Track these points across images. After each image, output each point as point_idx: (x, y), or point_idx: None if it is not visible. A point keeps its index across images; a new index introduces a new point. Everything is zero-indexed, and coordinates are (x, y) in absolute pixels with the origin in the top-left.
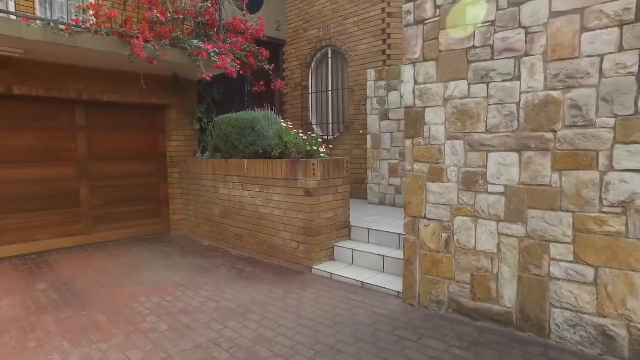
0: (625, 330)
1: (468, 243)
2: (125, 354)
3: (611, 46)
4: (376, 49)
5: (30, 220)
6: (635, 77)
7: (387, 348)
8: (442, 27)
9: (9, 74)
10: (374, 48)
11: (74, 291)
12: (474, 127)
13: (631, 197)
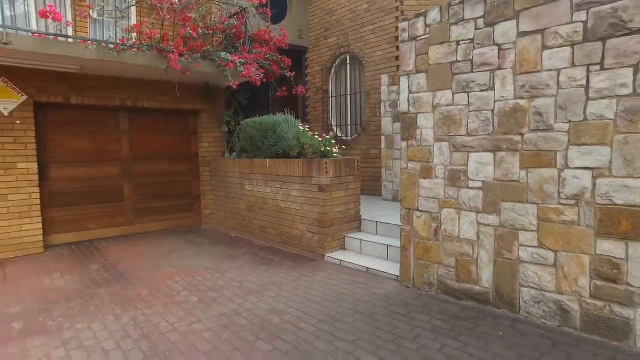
0: (578, 304)
1: (453, 232)
2: (164, 318)
3: (565, 62)
4: (390, 55)
5: (83, 213)
6: (584, 88)
7: (379, 319)
8: (431, 43)
9: (67, 87)
10: (389, 54)
11: (120, 271)
12: (457, 130)
13: (582, 191)
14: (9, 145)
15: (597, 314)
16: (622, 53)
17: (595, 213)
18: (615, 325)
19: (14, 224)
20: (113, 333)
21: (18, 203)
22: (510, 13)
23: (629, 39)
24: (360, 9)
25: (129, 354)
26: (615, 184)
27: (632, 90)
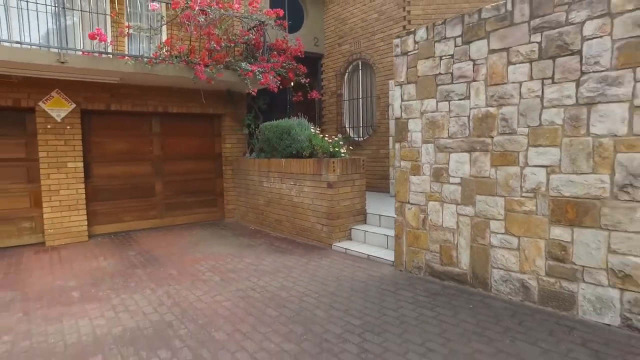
0: (536, 281)
1: (437, 221)
2: (191, 292)
3: (525, 76)
4: None
5: (120, 206)
6: (540, 99)
7: (370, 295)
8: (419, 58)
9: (108, 95)
10: None
11: (154, 256)
12: (440, 134)
13: (538, 185)
14: (61, 147)
15: (550, 289)
16: (567, 69)
17: (548, 204)
18: (563, 297)
19: (64, 216)
20: (150, 302)
21: (67, 197)
22: (482, 33)
23: (571, 58)
24: (371, 18)
25: (164, 316)
26: (563, 179)
27: (575, 100)
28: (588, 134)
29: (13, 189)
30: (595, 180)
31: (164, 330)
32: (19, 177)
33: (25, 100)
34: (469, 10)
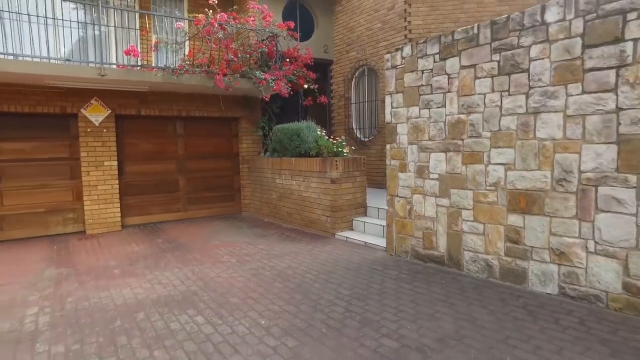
0: (497, 261)
1: (421, 211)
2: (212, 270)
3: (488, 89)
4: None
5: (148, 200)
6: (499, 108)
7: (362, 273)
8: (405, 71)
9: (138, 102)
10: None
11: (179, 243)
12: (422, 136)
13: (498, 180)
14: (99, 148)
15: (508, 267)
16: (519, 84)
17: (506, 195)
18: (517, 273)
19: (102, 208)
20: (178, 277)
21: (104, 192)
22: (455, 51)
23: (521, 75)
24: (376, 27)
25: (190, 287)
26: (516, 174)
27: (525, 110)
28: (535, 137)
29: (59, 184)
30: (540, 176)
31: (190, 297)
32: (63, 174)
33: (70, 107)
34: (465, 20)
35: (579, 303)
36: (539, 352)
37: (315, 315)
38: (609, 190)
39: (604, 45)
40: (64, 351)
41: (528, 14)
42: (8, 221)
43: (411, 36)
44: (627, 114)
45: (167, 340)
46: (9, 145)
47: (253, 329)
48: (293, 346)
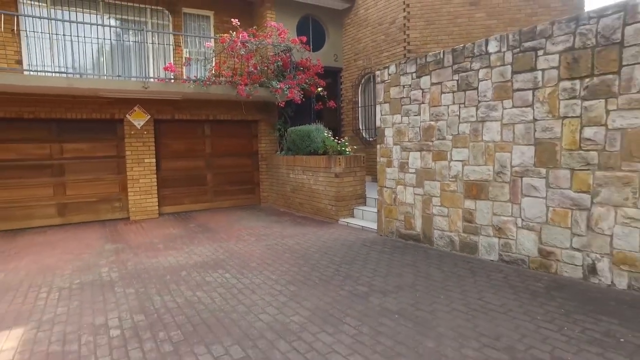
0: (457, 237)
1: (403, 199)
2: (235, 246)
3: (450, 102)
4: None
5: (180, 192)
6: (458, 117)
7: (353, 248)
8: (391, 85)
9: (172, 108)
10: None
11: (207, 227)
12: (403, 138)
13: (457, 173)
14: (140, 147)
15: (465, 241)
16: (471, 99)
17: (463, 185)
18: (471, 246)
19: (143, 198)
20: (209, 250)
21: (145, 185)
22: (427, 71)
23: (473, 91)
24: (379, 39)
25: (219, 256)
26: (470, 169)
27: (475, 119)
28: (482, 140)
29: (108, 178)
30: (486, 169)
31: (219, 262)
32: (112, 170)
33: (117, 114)
34: (457, 32)
35: (510, 266)
36: (464, 293)
37: (312, 273)
38: (529, 180)
39: (524, 72)
40: (134, 292)
41: (477, 45)
42: (69, 208)
43: (410, 47)
44: (539, 124)
45: (205, 287)
46: (71, 145)
47: (266, 280)
48: (294, 290)
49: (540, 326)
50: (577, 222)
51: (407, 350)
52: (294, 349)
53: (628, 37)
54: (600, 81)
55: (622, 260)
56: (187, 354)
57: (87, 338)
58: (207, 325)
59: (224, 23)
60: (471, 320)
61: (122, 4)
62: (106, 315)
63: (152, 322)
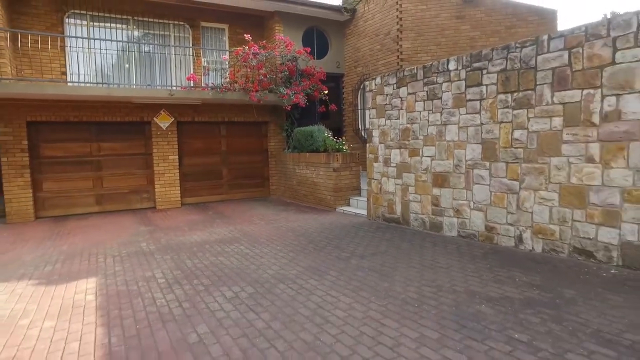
0: (428, 218)
1: (387, 188)
2: (248, 227)
3: (422, 108)
4: None
5: (199, 185)
6: (427, 121)
7: (345, 228)
8: (377, 94)
9: (192, 111)
10: None
11: (224, 214)
12: (386, 138)
13: (427, 166)
14: (165, 146)
15: (433, 221)
16: (437, 106)
17: (431, 176)
18: (437, 225)
19: (167, 190)
20: (226, 230)
21: (169, 178)
22: (405, 83)
23: (438, 100)
24: (376, 48)
25: (234, 235)
26: (436, 163)
27: (440, 122)
28: (445, 140)
29: (137, 172)
30: (448, 163)
31: (234, 239)
32: (140, 165)
33: (145, 117)
34: (445, 43)
35: (465, 239)
36: (422, 257)
37: (308, 245)
38: (477, 171)
39: (474, 87)
40: (170, 257)
41: (441, 63)
42: (106, 198)
43: (402, 57)
44: (484, 127)
45: (224, 254)
46: (107, 144)
47: (272, 250)
48: (293, 255)
49: (467, 275)
50: (510, 203)
51: (369, 288)
52: (289, 288)
53: (539, 64)
54: (523, 95)
55: (538, 231)
56: (214, 291)
57: (142, 283)
58: (228, 276)
59: (237, 35)
60: (420, 273)
61: (149, 20)
62: (152, 271)
63: (186, 274)
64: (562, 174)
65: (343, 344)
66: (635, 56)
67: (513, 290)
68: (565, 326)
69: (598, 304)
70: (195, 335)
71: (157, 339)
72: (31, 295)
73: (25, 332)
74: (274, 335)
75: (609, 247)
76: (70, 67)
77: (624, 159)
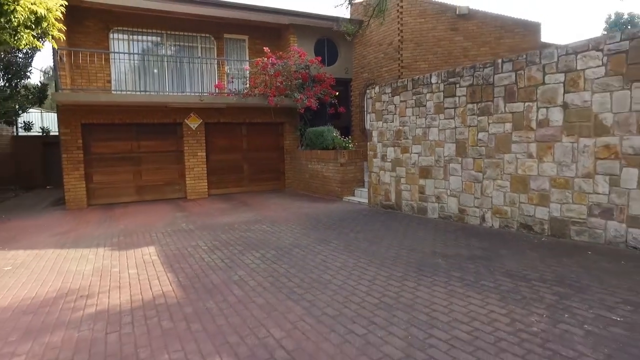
0: (416, 204)
1: (383, 180)
2: (267, 213)
3: (411, 114)
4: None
5: (224, 178)
6: (415, 124)
7: (348, 213)
8: (375, 101)
9: (218, 114)
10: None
11: (246, 203)
12: (383, 138)
13: (415, 161)
14: (194, 144)
15: (419, 207)
16: (423, 112)
17: (418, 169)
18: (423, 209)
19: (196, 182)
20: (249, 215)
21: (198, 172)
22: (398, 92)
23: (424, 108)
24: (380, 56)
25: (257, 218)
26: (422, 158)
27: (425, 125)
28: (428, 139)
29: (170, 167)
30: (431, 159)
31: (257, 221)
32: (173, 161)
33: (178, 118)
34: (441, 52)
35: (444, 220)
36: (405, 232)
37: (318, 224)
38: (452, 165)
39: (450, 97)
40: (207, 233)
41: (425, 77)
42: (144, 190)
43: (403, 64)
44: (457, 130)
45: (250, 231)
46: (145, 142)
47: (288, 228)
48: (305, 231)
49: (436, 243)
50: (476, 190)
51: (360, 251)
52: (302, 251)
53: (496, 81)
54: (485, 105)
55: (496, 211)
56: (246, 253)
57: (190, 249)
58: (255, 244)
59: (256, 45)
60: (400, 242)
61: (179, 33)
62: (196, 241)
63: (223, 243)
64: (512, 167)
65: (338, 279)
66: (557, 79)
67: (465, 251)
68: (489, 269)
69: (519, 257)
70: (237, 277)
71: (210, 279)
72: (111, 256)
73: (119, 275)
74: (290, 276)
75: (542, 221)
76: (114, 76)
77: (552, 155)
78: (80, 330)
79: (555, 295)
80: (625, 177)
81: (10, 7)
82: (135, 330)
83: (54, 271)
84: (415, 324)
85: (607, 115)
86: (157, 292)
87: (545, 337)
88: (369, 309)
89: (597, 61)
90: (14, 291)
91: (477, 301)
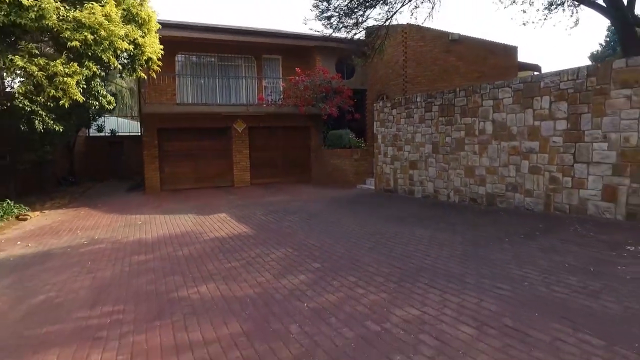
0: (407, 188)
1: (385, 171)
2: (298, 197)
3: (404, 122)
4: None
5: (262, 171)
6: (406, 130)
7: (359, 196)
8: (379, 112)
9: (259, 120)
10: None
11: (281, 190)
12: (385, 140)
13: (407, 157)
14: (240, 144)
15: (409, 189)
16: (411, 122)
17: (408, 163)
18: (412, 191)
19: (242, 173)
20: (285, 197)
21: (243, 166)
22: (395, 106)
23: (412, 119)
24: (389, 72)
25: (292, 198)
26: (411, 155)
27: (413, 132)
28: (415, 142)
29: (221, 162)
30: (416, 155)
31: (292, 200)
32: (223, 157)
33: (227, 123)
34: (437, 69)
35: (425, 199)
36: (395, 206)
37: (334, 203)
38: (430, 159)
39: (428, 112)
40: (259, 206)
41: (412, 97)
42: (201, 179)
43: (407, 79)
44: (433, 135)
45: (288, 205)
46: (202, 143)
47: (315, 204)
48: (326, 206)
49: (412, 210)
50: (445, 177)
51: (363, 214)
52: (324, 215)
53: (456, 103)
54: (449, 119)
55: (456, 191)
56: (287, 216)
57: (250, 214)
58: (293, 211)
59: (288, 63)
60: (389, 210)
61: (227, 55)
62: (253, 211)
63: (271, 211)
64: (465, 160)
65: (345, 226)
66: (489, 103)
67: (431, 214)
68: (438, 221)
69: (460, 217)
70: (285, 226)
71: (269, 226)
72: (199, 218)
73: (212, 226)
74: (317, 224)
75: (482, 196)
76: (178, 90)
77: (486, 152)
78: (206, 244)
79: (463, 230)
80: (523, 166)
81: (138, 52)
82: (236, 243)
83: (170, 224)
84: (382, 240)
85: (514, 128)
86: (240, 231)
87: (441, 239)
88: (360, 235)
89: (509, 94)
90: (156, 231)
91: (421, 231)
